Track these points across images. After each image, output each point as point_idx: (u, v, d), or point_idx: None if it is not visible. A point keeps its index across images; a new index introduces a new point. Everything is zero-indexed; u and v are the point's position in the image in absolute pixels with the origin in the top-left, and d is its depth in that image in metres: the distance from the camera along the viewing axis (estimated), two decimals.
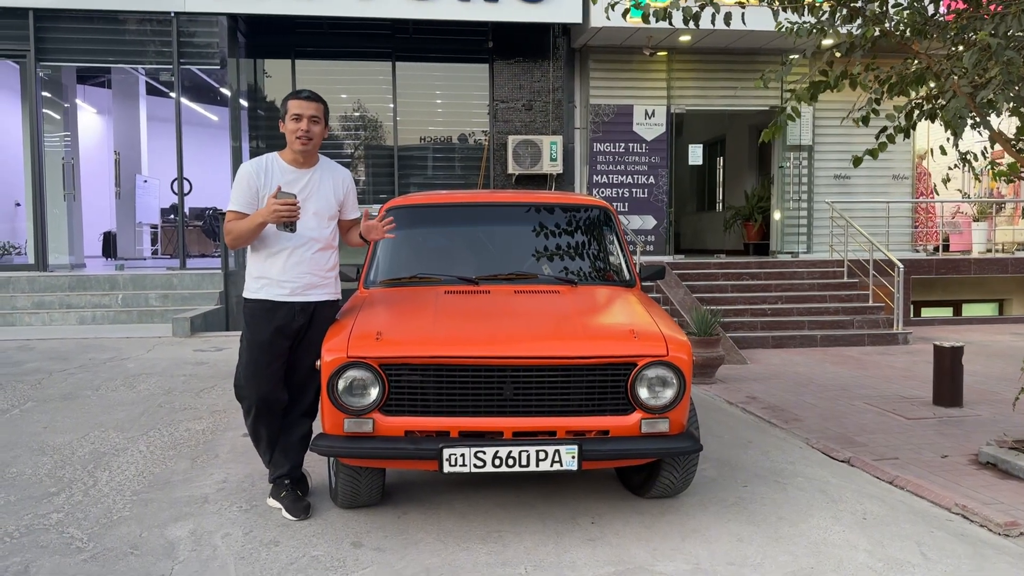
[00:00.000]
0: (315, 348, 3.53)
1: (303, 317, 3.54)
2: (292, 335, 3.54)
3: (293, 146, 3.53)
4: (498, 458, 3.10)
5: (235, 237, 3.49)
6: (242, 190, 3.49)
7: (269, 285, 3.51)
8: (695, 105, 11.68)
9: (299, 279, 3.52)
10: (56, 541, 3.30)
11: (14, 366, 6.97)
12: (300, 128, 3.49)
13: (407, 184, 11.64)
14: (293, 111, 3.50)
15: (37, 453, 4.50)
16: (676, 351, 3.24)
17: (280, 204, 3.33)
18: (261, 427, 3.64)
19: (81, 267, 11.89)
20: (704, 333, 6.98)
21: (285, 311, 3.51)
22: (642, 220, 11.51)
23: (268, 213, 3.34)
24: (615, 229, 4.53)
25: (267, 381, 3.54)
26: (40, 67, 10.66)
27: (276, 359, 3.54)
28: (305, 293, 3.54)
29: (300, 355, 3.60)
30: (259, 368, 3.53)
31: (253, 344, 3.53)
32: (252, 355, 3.54)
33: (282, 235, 3.47)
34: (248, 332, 3.56)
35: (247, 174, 3.51)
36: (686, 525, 3.49)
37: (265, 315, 3.51)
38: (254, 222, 3.41)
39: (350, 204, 3.77)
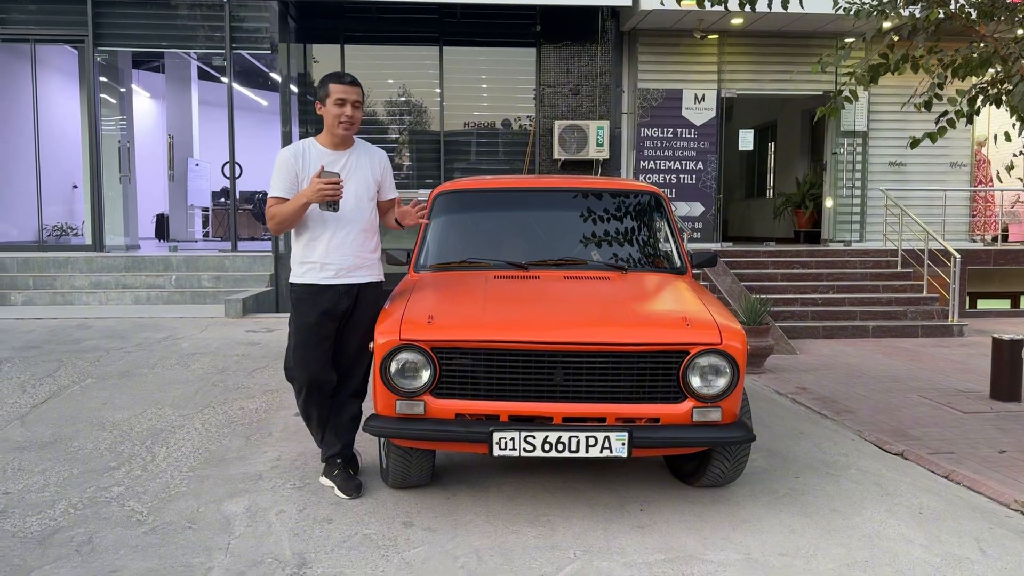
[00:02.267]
0: (361, 329, 3.60)
1: (348, 299, 3.58)
2: (338, 317, 3.60)
3: (335, 130, 3.55)
4: (548, 443, 3.10)
5: (279, 221, 3.51)
6: (282, 175, 3.52)
7: (313, 269, 3.56)
8: (746, 89, 11.46)
9: (342, 261, 3.56)
10: (118, 513, 3.40)
11: (74, 343, 7.19)
12: (344, 113, 3.50)
13: (452, 169, 11.66)
14: (337, 95, 3.50)
15: (97, 428, 4.64)
16: (730, 339, 3.21)
17: (324, 182, 3.35)
18: (312, 407, 3.70)
19: (136, 248, 12.19)
20: (753, 322, 6.88)
21: (330, 294, 3.55)
22: (689, 207, 11.37)
23: (312, 192, 3.37)
24: (666, 215, 4.48)
25: (316, 362, 3.59)
26: (97, 52, 10.91)
27: (324, 340, 3.60)
28: (349, 275, 3.58)
29: (347, 336, 3.66)
30: (308, 350, 3.59)
31: (301, 327, 3.59)
32: (300, 338, 3.59)
33: (324, 219, 3.50)
34: (296, 315, 3.62)
35: (286, 159, 3.53)
36: (736, 515, 3.46)
37: (311, 298, 3.56)
38: (297, 203, 3.43)
39: (387, 184, 3.78)
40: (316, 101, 3.59)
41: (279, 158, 3.55)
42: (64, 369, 6.13)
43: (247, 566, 2.94)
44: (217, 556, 3.01)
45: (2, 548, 3.04)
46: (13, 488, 3.67)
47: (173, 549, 3.07)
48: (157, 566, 2.92)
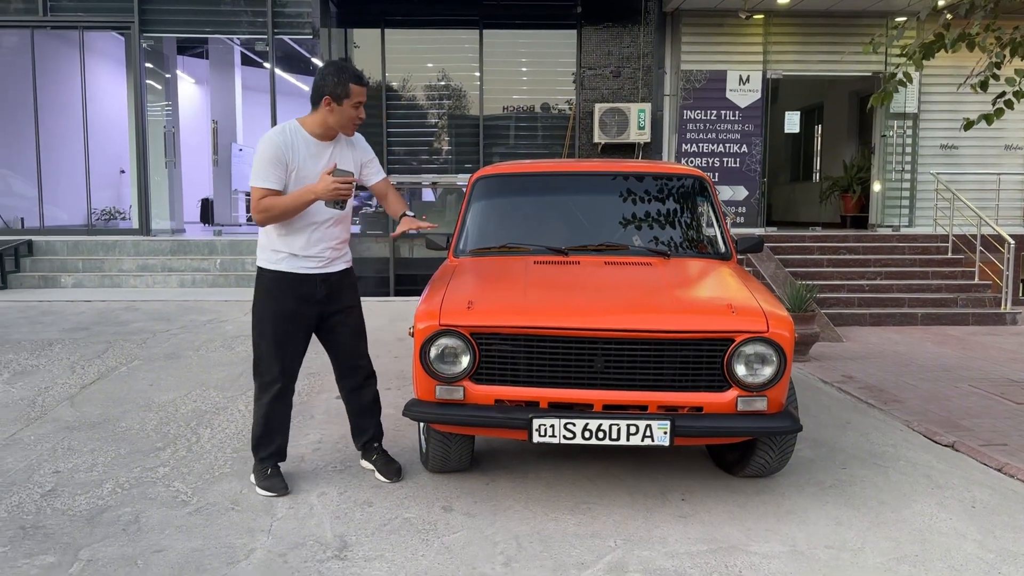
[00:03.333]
0: (351, 313, 3.57)
1: (325, 288, 3.47)
2: (316, 303, 3.46)
3: (347, 130, 3.41)
4: (588, 430, 3.07)
5: (277, 214, 3.28)
6: (273, 166, 3.27)
7: (289, 259, 3.39)
8: (793, 70, 11.19)
9: (322, 254, 3.44)
10: (163, 494, 3.46)
11: (121, 326, 7.34)
12: (359, 116, 3.39)
13: (491, 154, 11.62)
14: (358, 98, 3.33)
15: (144, 409, 4.73)
16: (777, 327, 3.13)
17: (340, 182, 3.23)
18: (278, 406, 3.49)
19: (181, 232, 12.41)
20: (798, 309, 6.74)
21: (308, 282, 3.43)
22: (733, 191, 11.18)
23: (325, 190, 3.21)
24: (711, 199, 4.39)
25: (292, 353, 3.46)
26: (143, 38, 11.07)
27: (303, 329, 3.47)
28: (327, 266, 3.48)
29: (338, 324, 3.55)
30: (287, 338, 3.42)
31: (278, 315, 3.40)
32: (278, 325, 3.41)
33: (306, 212, 3.34)
34: (271, 303, 3.41)
35: (276, 148, 3.28)
36: (781, 506, 3.39)
37: (288, 285, 3.40)
38: (304, 199, 3.25)
39: (372, 168, 3.63)
40: (326, 95, 3.30)
41: (266, 146, 3.28)
42: (112, 351, 6.26)
43: (289, 548, 2.96)
44: (259, 538, 3.05)
45: (52, 526, 3.11)
46: (63, 467, 3.75)
47: (216, 530, 3.11)
48: (201, 546, 2.96)
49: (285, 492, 3.47)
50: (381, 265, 11.43)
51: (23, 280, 9.85)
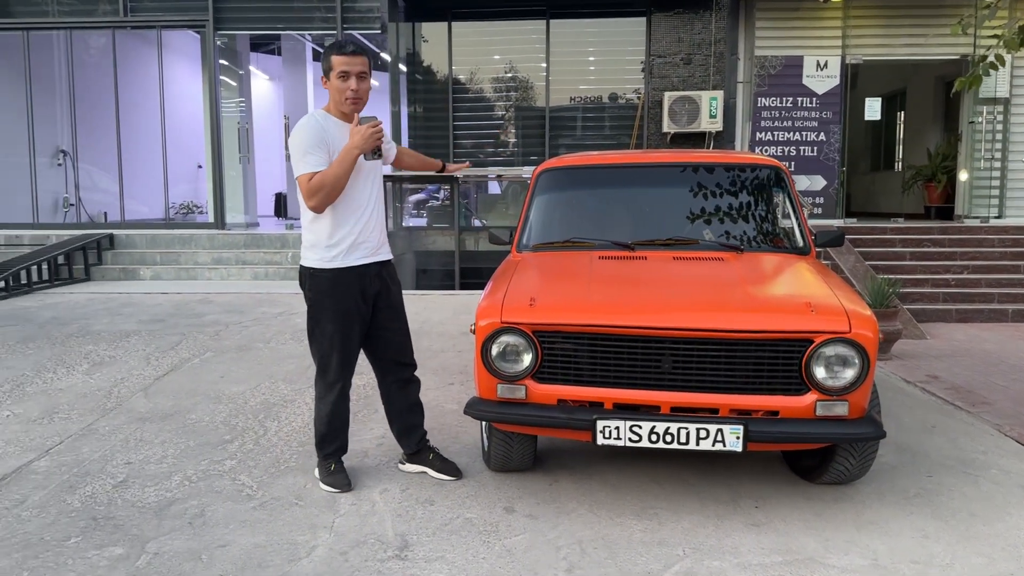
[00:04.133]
0: (398, 307, 3.52)
1: (377, 282, 3.42)
2: (370, 298, 3.41)
3: (342, 107, 3.29)
4: (655, 434, 2.95)
5: (330, 189, 3.17)
6: (317, 149, 3.19)
7: (343, 252, 3.31)
8: (873, 55, 10.71)
9: (371, 238, 3.38)
10: (229, 487, 3.49)
11: (196, 318, 7.52)
12: (349, 88, 3.23)
13: (557, 145, 11.49)
14: (340, 68, 3.21)
15: (214, 401, 4.81)
16: (860, 327, 2.94)
17: (370, 127, 3.16)
18: (341, 404, 3.48)
19: (255, 226, 12.68)
20: (880, 305, 6.43)
21: (365, 276, 3.37)
22: (810, 180, 10.78)
23: (362, 140, 3.14)
24: (787, 190, 4.19)
25: (355, 355, 3.43)
26: (217, 36, 11.32)
27: (362, 326, 3.41)
28: (377, 253, 3.42)
29: (385, 320, 3.48)
30: (349, 341, 3.37)
31: (340, 315, 3.33)
32: (340, 328, 3.34)
33: (347, 196, 3.28)
34: (331, 303, 3.33)
35: (315, 132, 3.22)
36: (862, 516, 3.20)
37: (348, 281, 3.33)
38: (348, 159, 3.15)
39: (390, 145, 3.61)
40: (321, 76, 3.30)
41: (306, 133, 3.22)
42: (186, 342, 6.41)
43: (350, 546, 2.94)
44: (321, 535, 3.03)
45: (122, 518, 3.16)
46: (135, 458, 3.83)
47: (280, 525, 3.11)
48: (264, 542, 2.97)
49: (348, 488, 3.45)
50: (447, 258, 11.45)
51: (105, 272, 10.22)
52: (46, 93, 12.10)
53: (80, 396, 4.87)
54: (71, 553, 2.86)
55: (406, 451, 3.69)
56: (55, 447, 3.98)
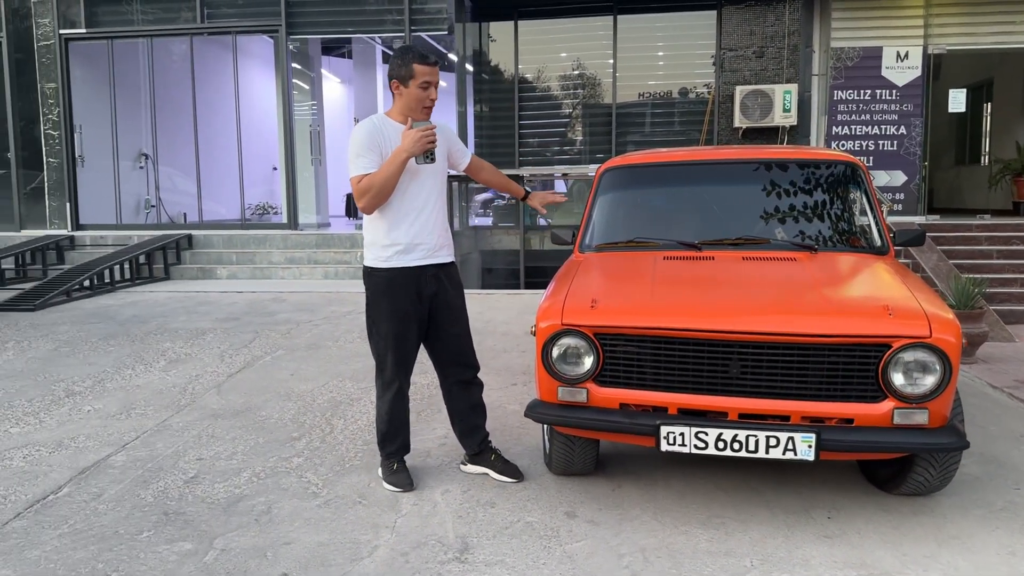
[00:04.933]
0: (458, 309, 3.50)
1: (434, 283, 3.42)
2: (427, 299, 3.41)
3: (417, 113, 3.33)
4: (722, 441, 2.85)
5: (378, 191, 3.22)
6: (369, 152, 3.25)
7: (401, 252, 3.34)
8: (958, 44, 10.22)
9: (430, 240, 3.38)
10: (295, 484, 3.54)
11: (269, 316, 7.70)
12: (429, 96, 3.31)
13: (624, 143, 11.35)
14: (424, 78, 3.27)
15: (284, 399, 4.90)
16: (941, 332, 2.78)
17: (422, 131, 3.17)
18: (400, 403, 3.51)
19: (326, 226, 12.95)
20: (964, 306, 6.13)
21: (421, 277, 3.38)
22: (889, 176, 10.36)
23: (411, 143, 3.17)
24: (864, 187, 4.01)
25: (412, 353, 3.45)
26: (290, 40, 11.59)
27: (419, 327, 3.43)
28: (435, 255, 3.41)
29: (445, 321, 3.47)
30: (405, 340, 3.40)
31: (394, 314, 3.36)
32: (395, 327, 3.37)
33: (407, 195, 3.31)
34: (386, 302, 3.37)
35: (369, 135, 3.27)
36: (943, 530, 3.03)
37: (404, 282, 3.36)
38: (396, 162, 3.19)
39: (458, 151, 3.58)
40: (394, 79, 3.31)
41: (360, 135, 3.28)
42: (258, 340, 6.57)
43: (411, 547, 2.94)
44: (383, 534, 3.05)
45: (192, 513, 3.24)
46: (206, 454, 3.93)
47: (343, 524, 3.14)
48: (327, 540, 3.00)
49: (410, 488, 3.47)
50: (511, 257, 11.45)
51: (183, 272, 10.58)
52: (129, 99, 12.61)
53: (156, 392, 5.04)
54: (143, 547, 2.95)
55: (467, 451, 3.68)
56: (131, 442, 4.12)
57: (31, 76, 11.94)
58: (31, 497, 3.41)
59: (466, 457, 3.69)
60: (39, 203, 12.12)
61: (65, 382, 5.31)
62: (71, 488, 3.51)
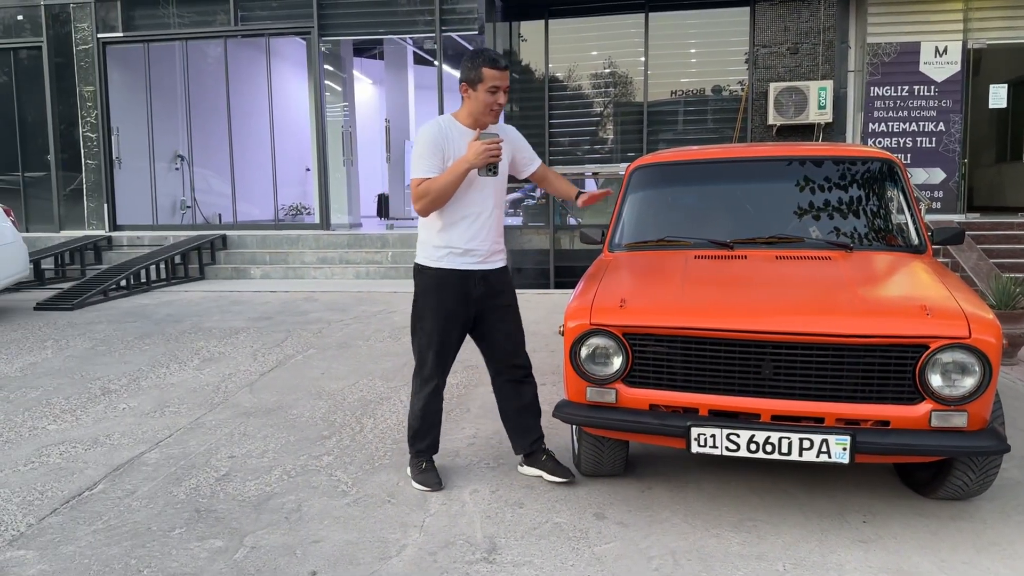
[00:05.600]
0: (510, 310, 3.48)
1: (482, 286, 3.41)
2: (474, 301, 3.41)
3: (485, 117, 3.32)
4: (754, 443, 2.81)
5: (434, 196, 3.25)
6: (430, 156, 3.28)
7: (453, 254, 3.36)
8: (999, 38, 9.99)
9: (483, 246, 3.38)
10: (325, 483, 3.56)
11: (301, 315, 7.78)
12: (497, 101, 3.29)
13: (656, 141, 11.27)
14: (493, 82, 3.26)
15: (315, 397, 4.94)
16: (980, 332, 2.70)
17: (488, 143, 3.16)
18: (435, 402, 3.53)
19: (358, 226, 13.04)
20: (1005, 306, 5.97)
21: (468, 280, 3.38)
22: (928, 173, 10.16)
23: (475, 156, 3.16)
24: (902, 185, 3.92)
25: (451, 354, 3.46)
26: (322, 42, 11.69)
27: (461, 326, 3.44)
28: (487, 261, 3.41)
29: (496, 321, 3.47)
30: (447, 339, 3.41)
31: (438, 313, 3.39)
32: (440, 326, 3.40)
33: (466, 200, 3.32)
34: (431, 301, 3.40)
35: (432, 138, 3.29)
36: (982, 536, 2.95)
37: (451, 283, 3.37)
38: (458, 171, 3.20)
39: (525, 158, 3.55)
40: (463, 82, 3.31)
41: (424, 137, 3.31)
42: (290, 339, 6.63)
43: (439, 547, 2.94)
44: (412, 534, 3.05)
45: (223, 511, 3.27)
46: (238, 452, 3.97)
47: (372, 523, 3.14)
48: (356, 539, 3.01)
49: (439, 487, 3.46)
50: (541, 257, 11.43)
51: (218, 272, 10.73)
52: (165, 101, 12.83)
53: (190, 391, 5.10)
54: (175, 544, 2.98)
55: (517, 451, 3.66)
56: (165, 440, 4.17)
57: (70, 80, 12.20)
58: (67, 493, 3.47)
59: (522, 459, 3.67)
60: (78, 204, 12.38)
61: (101, 380, 5.40)
62: (105, 485, 3.57)
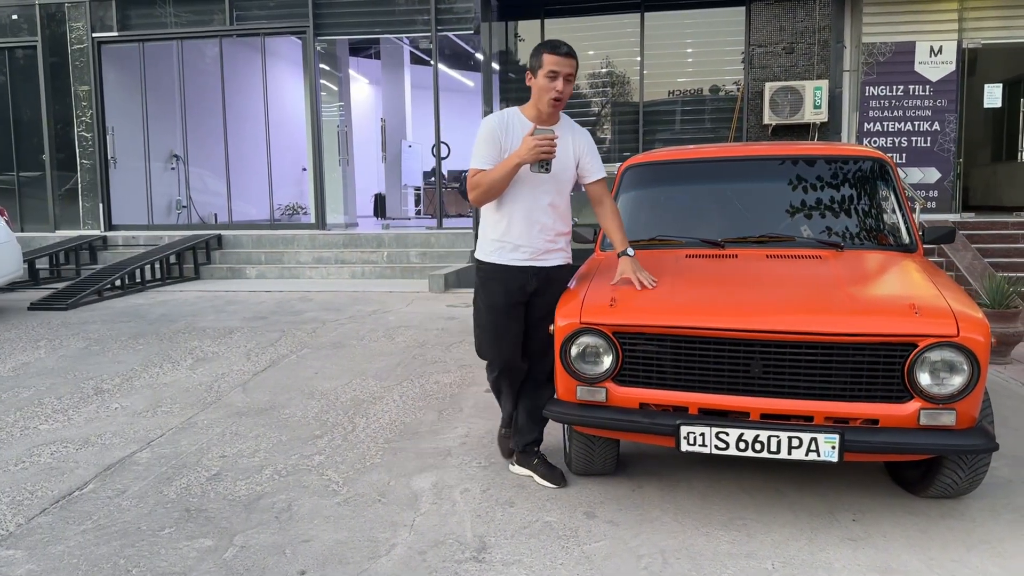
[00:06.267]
0: (551, 312, 3.44)
1: (536, 281, 3.42)
2: (526, 298, 3.45)
3: (542, 105, 3.30)
4: (743, 441, 2.81)
5: (486, 189, 3.28)
6: (487, 147, 3.31)
7: (504, 248, 3.40)
8: (993, 38, 10.00)
9: (535, 243, 3.39)
10: (316, 482, 3.56)
11: (295, 315, 7.77)
12: (555, 88, 3.24)
13: (652, 140, 11.28)
14: (550, 67, 3.24)
15: (307, 397, 4.93)
16: (969, 331, 2.71)
17: (540, 139, 3.14)
18: (504, 385, 3.62)
19: (354, 226, 13.03)
20: (998, 305, 5.98)
21: (520, 276, 3.40)
22: (923, 173, 10.17)
23: (527, 151, 3.15)
24: (892, 184, 3.93)
25: (508, 346, 3.47)
26: (317, 41, 11.68)
27: (514, 323, 3.46)
28: (540, 258, 3.41)
29: (537, 320, 3.48)
30: (500, 331, 3.47)
31: (491, 308, 3.46)
32: (492, 318, 3.47)
33: (520, 196, 3.33)
34: (484, 295, 3.49)
35: (491, 130, 3.32)
36: (972, 534, 2.96)
37: (501, 279, 3.41)
38: (509, 166, 3.21)
39: (590, 165, 3.48)
40: (528, 71, 3.33)
41: (483, 128, 3.35)
42: (284, 339, 6.62)
43: (429, 546, 2.93)
44: (402, 533, 3.04)
45: (213, 510, 3.27)
46: (229, 452, 3.96)
47: (362, 522, 3.14)
48: (346, 538, 3.00)
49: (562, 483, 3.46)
50: None
51: (213, 271, 10.72)
52: (160, 101, 12.81)
53: (183, 390, 5.10)
54: (164, 543, 2.98)
55: (514, 447, 3.67)
56: (156, 439, 4.17)
57: (65, 79, 12.18)
58: (57, 493, 3.47)
59: (515, 457, 3.67)
60: (73, 204, 12.36)
61: (94, 380, 5.40)
62: (96, 484, 3.56)
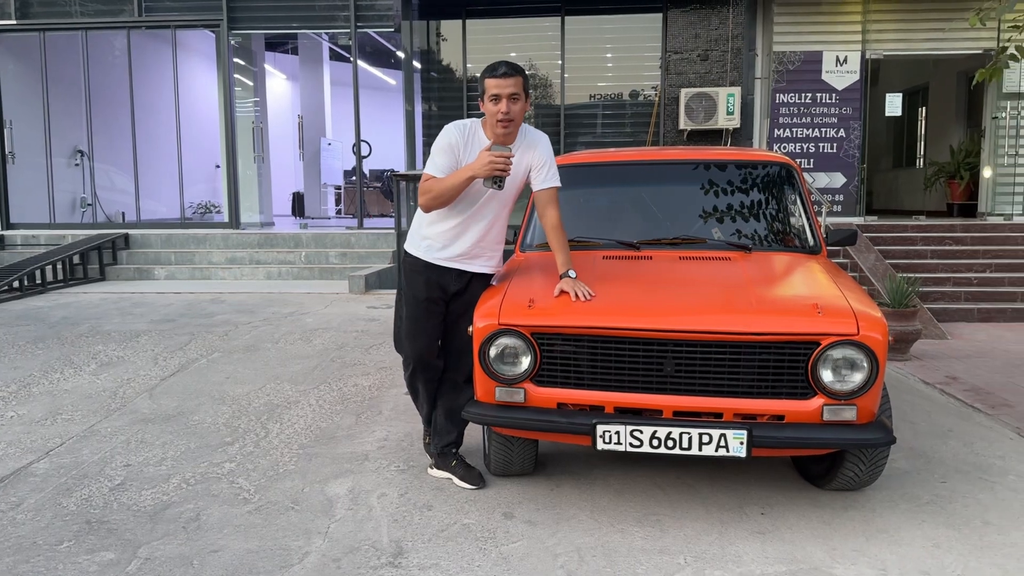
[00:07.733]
0: (470, 311, 3.44)
1: (460, 282, 3.44)
2: (448, 298, 3.46)
3: (495, 129, 3.31)
4: (656, 438, 2.86)
5: (436, 195, 3.26)
6: (443, 156, 3.30)
7: (433, 248, 3.42)
8: (894, 50, 10.51)
9: (463, 247, 3.40)
10: (226, 491, 3.45)
11: (206, 317, 7.52)
12: (500, 111, 3.23)
13: (573, 143, 11.39)
14: (492, 91, 3.23)
15: (218, 402, 4.78)
16: (868, 329, 2.83)
17: (496, 156, 3.14)
18: (419, 383, 3.61)
19: (270, 225, 12.70)
20: (899, 304, 6.29)
21: (444, 273, 3.43)
22: (829, 178, 10.60)
23: (481, 167, 3.15)
24: (798, 188, 4.08)
25: (424, 339, 3.49)
26: (232, 35, 11.34)
27: (433, 318, 3.47)
28: (467, 262, 3.43)
29: (456, 317, 3.49)
30: (417, 324, 3.49)
31: (411, 300, 3.51)
32: (411, 311, 3.52)
33: (460, 206, 3.33)
34: (407, 287, 3.54)
35: (451, 142, 3.31)
36: (872, 524, 3.09)
37: (424, 274, 3.44)
38: (461, 177, 3.21)
39: (544, 173, 3.40)
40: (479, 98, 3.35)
41: (443, 137, 3.34)
42: (194, 342, 6.40)
43: (343, 553, 2.88)
44: (315, 541, 2.98)
45: (116, 522, 3.13)
46: (134, 460, 3.80)
47: (274, 531, 3.06)
48: (257, 547, 2.92)
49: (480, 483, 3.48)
50: None
51: (119, 272, 10.27)
52: (64, 94, 12.18)
53: (85, 397, 4.86)
54: (62, 558, 2.83)
55: (432, 451, 3.64)
56: (56, 449, 3.96)
57: None
58: None
59: (433, 461, 3.64)
60: None
61: None
62: None
